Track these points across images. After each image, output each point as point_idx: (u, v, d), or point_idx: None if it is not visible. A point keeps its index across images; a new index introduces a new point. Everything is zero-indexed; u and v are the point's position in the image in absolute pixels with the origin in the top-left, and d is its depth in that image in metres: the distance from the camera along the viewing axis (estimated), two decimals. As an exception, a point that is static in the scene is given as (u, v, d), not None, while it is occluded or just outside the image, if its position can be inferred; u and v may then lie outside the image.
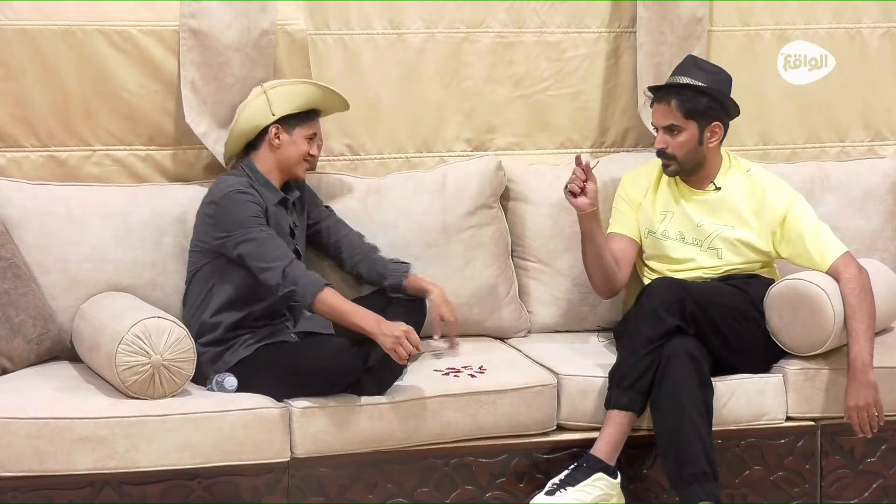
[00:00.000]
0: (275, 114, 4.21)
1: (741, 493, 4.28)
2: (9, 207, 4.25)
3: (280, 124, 4.22)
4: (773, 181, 4.44)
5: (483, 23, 4.77)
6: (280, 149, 4.22)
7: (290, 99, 4.22)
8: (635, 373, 4.07)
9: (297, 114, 4.23)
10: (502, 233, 4.67)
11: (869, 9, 5.04)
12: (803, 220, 4.34)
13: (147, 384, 3.84)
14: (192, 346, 3.91)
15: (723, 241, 4.39)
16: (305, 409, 3.94)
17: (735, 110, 4.40)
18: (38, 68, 4.34)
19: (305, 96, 4.25)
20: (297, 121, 4.23)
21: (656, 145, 4.37)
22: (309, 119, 4.26)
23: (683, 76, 4.34)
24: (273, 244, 4.02)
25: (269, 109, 4.21)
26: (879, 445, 4.35)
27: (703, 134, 4.34)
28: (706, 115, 4.33)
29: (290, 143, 4.22)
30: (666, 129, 4.34)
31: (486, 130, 4.82)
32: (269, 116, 4.21)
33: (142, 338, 3.83)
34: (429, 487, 4.08)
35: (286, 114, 4.22)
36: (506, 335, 4.62)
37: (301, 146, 4.23)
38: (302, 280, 3.97)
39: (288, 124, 4.23)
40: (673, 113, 4.32)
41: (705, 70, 4.35)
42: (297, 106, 4.23)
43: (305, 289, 3.97)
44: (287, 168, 4.24)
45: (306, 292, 3.97)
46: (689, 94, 4.31)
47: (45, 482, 3.77)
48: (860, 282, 4.23)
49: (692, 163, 4.37)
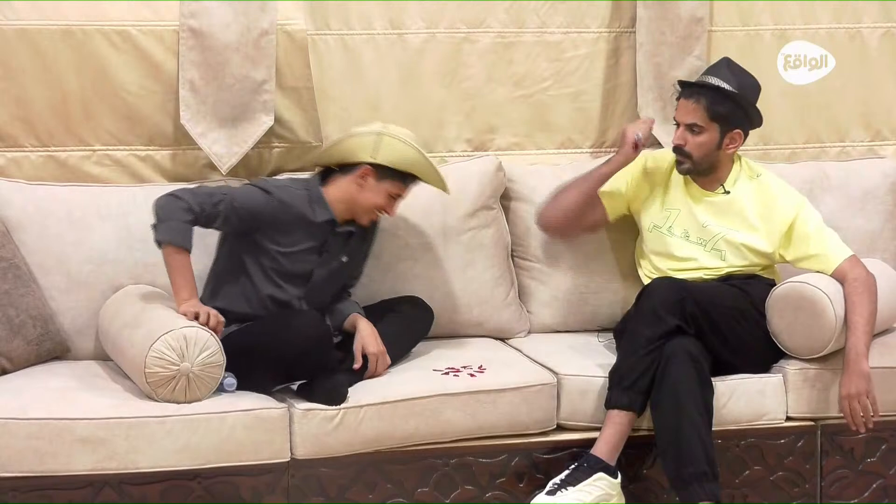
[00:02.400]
0: (375, 158, 4.15)
1: (741, 493, 4.28)
2: (9, 208, 4.25)
3: (374, 169, 4.15)
4: (781, 187, 4.44)
5: (483, 23, 4.77)
6: (361, 189, 4.16)
7: (395, 154, 4.15)
8: (635, 373, 4.07)
9: (395, 169, 4.16)
10: (502, 234, 4.66)
11: (869, 9, 5.05)
12: (809, 223, 4.34)
13: (167, 385, 3.84)
14: (223, 364, 3.90)
15: (727, 243, 4.38)
16: (306, 411, 3.93)
17: (759, 120, 4.39)
18: (38, 68, 4.34)
19: (410, 161, 4.17)
20: (392, 175, 4.16)
21: (674, 141, 4.36)
22: (402, 180, 4.19)
23: (715, 77, 4.31)
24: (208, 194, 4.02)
25: (374, 152, 4.15)
26: (879, 445, 4.35)
27: (723, 139, 4.33)
28: (730, 121, 4.31)
29: (372, 189, 4.16)
30: (687, 127, 4.33)
31: (487, 130, 4.82)
32: (368, 156, 4.15)
33: (178, 344, 3.83)
34: (429, 487, 4.08)
35: (386, 165, 4.15)
36: (506, 336, 4.62)
37: (379, 198, 4.17)
38: (173, 224, 3.96)
39: (381, 173, 4.15)
40: (699, 112, 4.30)
41: (737, 75, 4.32)
42: (398, 164, 4.15)
43: (167, 231, 3.96)
44: (355, 209, 4.19)
45: (165, 233, 3.96)
46: (718, 97, 4.29)
47: (45, 482, 3.77)
48: (865, 282, 4.23)
49: (706, 164, 4.37)
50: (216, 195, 4.04)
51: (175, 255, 3.98)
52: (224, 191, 4.09)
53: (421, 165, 4.18)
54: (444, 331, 4.51)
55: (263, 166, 4.58)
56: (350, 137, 4.21)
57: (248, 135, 4.46)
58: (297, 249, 4.15)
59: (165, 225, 3.97)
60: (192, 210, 3.99)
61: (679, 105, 4.37)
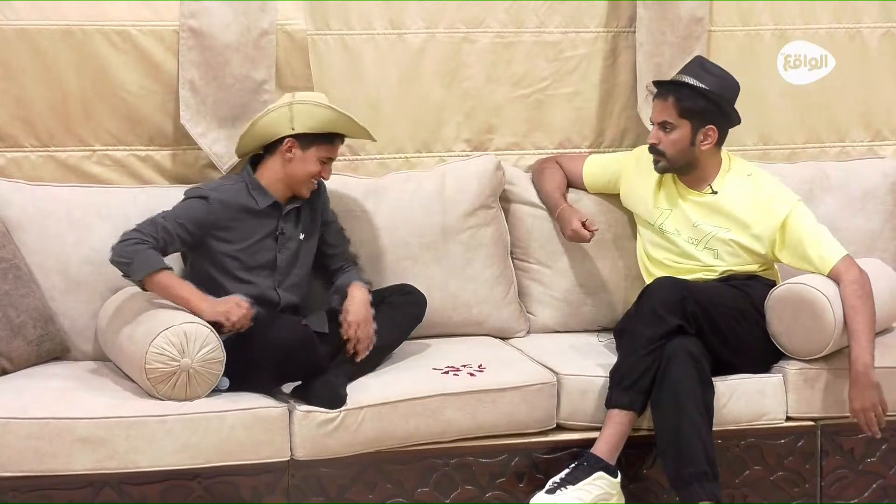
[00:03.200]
0: (294, 129, 4.14)
1: (741, 493, 4.28)
2: (9, 209, 4.25)
3: (296, 139, 4.14)
4: (774, 186, 4.43)
5: (483, 23, 4.77)
6: (290, 163, 4.15)
7: (312, 119, 4.14)
8: (636, 372, 4.07)
9: (317, 134, 4.15)
10: (502, 233, 4.67)
11: (869, 9, 5.05)
12: (803, 224, 4.33)
13: (167, 381, 3.84)
14: (223, 360, 3.90)
15: (719, 242, 4.39)
16: (306, 412, 3.93)
17: (736, 118, 4.39)
18: (38, 68, 4.34)
19: (329, 121, 4.16)
20: (315, 140, 4.15)
21: (649, 140, 4.40)
22: (328, 142, 4.17)
23: (687, 76, 4.34)
24: (150, 223, 4.01)
25: (290, 123, 4.14)
26: (879, 445, 4.35)
27: (695, 135, 4.34)
28: (702, 117, 4.32)
29: (301, 159, 4.15)
30: (660, 125, 4.35)
31: (486, 130, 4.82)
32: (287, 129, 4.15)
33: (178, 340, 3.84)
34: (429, 487, 4.08)
35: (305, 132, 4.14)
36: (506, 335, 4.62)
37: (311, 166, 4.16)
38: (139, 257, 3.95)
39: (304, 141, 4.14)
40: (668, 110, 4.33)
41: (711, 73, 4.34)
42: (318, 127, 4.15)
43: (140, 265, 3.94)
44: (291, 184, 4.18)
45: (140, 268, 3.94)
46: (687, 93, 4.31)
47: (45, 482, 3.77)
48: (861, 284, 4.23)
49: (682, 162, 4.38)
50: (157, 221, 4.03)
51: (160, 278, 3.96)
52: (163, 214, 4.07)
53: (340, 122, 4.16)
54: (444, 330, 4.51)
55: (263, 166, 4.58)
56: (263, 116, 4.19)
57: (248, 135, 4.47)
58: (251, 242, 4.15)
59: (134, 264, 3.95)
60: (145, 241, 3.97)
61: (653, 105, 4.41)
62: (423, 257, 4.52)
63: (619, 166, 4.62)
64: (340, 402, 3.95)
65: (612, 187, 4.65)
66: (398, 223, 4.51)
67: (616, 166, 4.63)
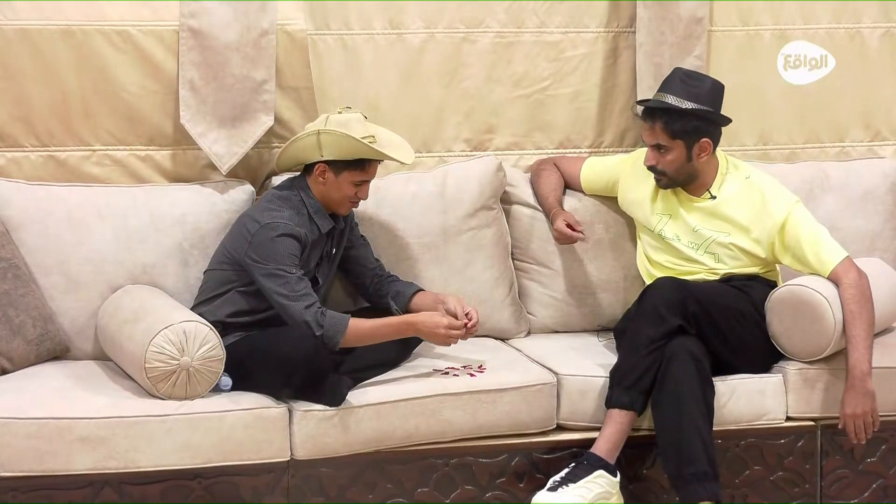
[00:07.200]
0: (323, 156, 4.13)
1: (741, 493, 4.28)
2: (9, 208, 4.25)
3: (328, 165, 4.13)
4: (772, 187, 4.42)
5: (482, 23, 4.77)
6: (325, 186, 4.16)
7: (340, 148, 4.12)
8: (637, 372, 4.07)
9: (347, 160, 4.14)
10: (502, 234, 4.66)
11: (869, 9, 5.04)
12: (802, 226, 4.33)
13: (167, 380, 3.84)
14: (222, 358, 3.90)
15: (719, 246, 4.38)
16: (306, 411, 3.93)
17: (724, 120, 4.38)
18: (38, 68, 4.33)
19: (357, 150, 4.12)
20: (347, 167, 4.13)
21: (645, 162, 4.38)
22: (359, 168, 4.15)
23: (669, 94, 4.31)
24: (300, 285, 3.99)
25: (319, 151, 4.13)
26: (879, 445, 4.36)
27: (691, 151, 4.34)
28: (693, 134, 4.31)
29: (334, 183, 4.15)
30: (654, 147, 4.35)
31: (486, 130, 4.82)
32: (317, 155, 4.14)
33: (178, 339, 3.84)
34: (429, 487, 4.08)
35: (335, 159, 4.13)
36: (506, 336, 4.62)
37: (345, 190, 4.15)
38: (328, 322, 3.96)
39: (336, 167, 4.13)
40: (659, 134, 4.32)
41: (692, 86, 4.31)
42: (346, 156, 4.13)
43: (334, 329, 3.96)
44: (330, 205, 4.18)
45: (336, 333, 3.96)
46: (673, 116, 4.29)
47: (45, 482, 3.77)
48: (860, 287, 4.22)
49: (684, 176, 4.38)
50: (291, 275, 3.99)
51: (356, 327, 3.99)
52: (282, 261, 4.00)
53: (365, 151, 4.13)
54: (444, 330, 4.51)
55: (263, 166, 4.57)
56: (294, 142, 4.20)
57: (248, 135, 4.46)
58: (311, 267, 4.16)
59: (330, 330, 3.95)
60: (309, 297, 3.98)
61: (642, 128, 4.40)
62: (424, 258, 4.52)
63: (616, 171, 4.61)
64: (340, 399, 3.95)
65: (608, 192, 4.65)
66: (399, 224, 4.51)
67: (613, 171, 4.62)
